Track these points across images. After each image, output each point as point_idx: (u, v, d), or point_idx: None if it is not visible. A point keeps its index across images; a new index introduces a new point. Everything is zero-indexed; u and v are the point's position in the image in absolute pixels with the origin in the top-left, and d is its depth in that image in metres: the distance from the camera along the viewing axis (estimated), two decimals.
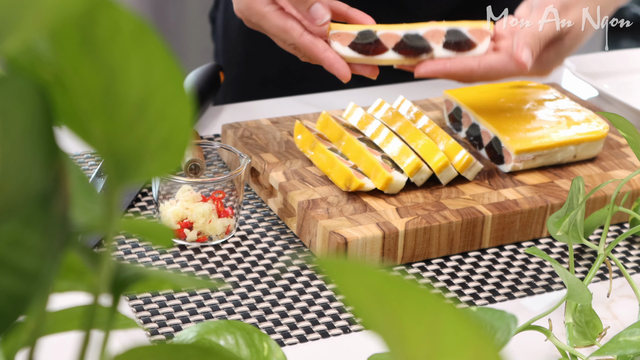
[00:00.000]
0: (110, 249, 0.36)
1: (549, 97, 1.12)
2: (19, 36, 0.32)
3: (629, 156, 1.07)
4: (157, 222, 0.38)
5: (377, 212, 0.91)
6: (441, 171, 0.96)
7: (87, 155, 1.05)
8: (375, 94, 1.22)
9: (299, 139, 1.00)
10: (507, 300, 0.87)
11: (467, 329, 0.31)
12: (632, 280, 0.80)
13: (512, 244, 0.95)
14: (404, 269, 0.90)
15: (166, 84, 0.34)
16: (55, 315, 0.42)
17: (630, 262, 0.94)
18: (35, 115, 0.33)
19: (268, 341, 0.56)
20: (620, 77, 1.32)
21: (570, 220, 0.84)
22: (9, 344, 0.39)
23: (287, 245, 0.92)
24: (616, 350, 0.67)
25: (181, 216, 0.90)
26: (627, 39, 3.20)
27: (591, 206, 0.97)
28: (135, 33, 0.33)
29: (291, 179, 0.96)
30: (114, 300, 0.37)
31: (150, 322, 0.80)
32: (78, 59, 0.33)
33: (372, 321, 0.32)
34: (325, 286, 0.86)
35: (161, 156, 0.35)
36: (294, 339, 0.80)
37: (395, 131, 1.00)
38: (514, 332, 0.54)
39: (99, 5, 0.33)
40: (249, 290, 0.85)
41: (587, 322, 0.76)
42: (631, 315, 0.85)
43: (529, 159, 1.01)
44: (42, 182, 0.33)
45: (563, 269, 0.73)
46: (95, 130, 0.35)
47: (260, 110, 1.17)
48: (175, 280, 0.40)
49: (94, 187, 0.39)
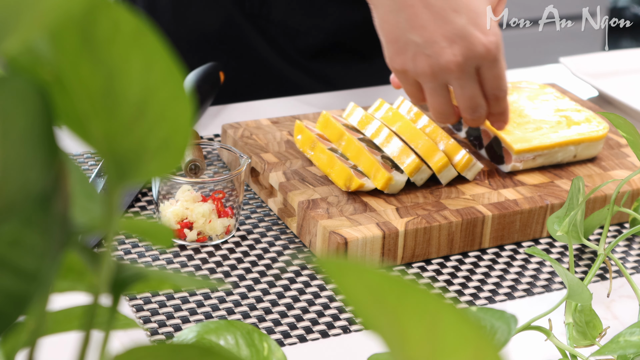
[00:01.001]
0: (110, 249, 0.36)
1: (549, 97, 1.12)
2: (19, 36, 0.32)
3: (629, 156, 1.07)
4: (157, 222, 0.38)
5: (377, 212, 0.91)
6: (441, 171, 0.96)
7: (87, 155, 1.05)
8: (375, 94, 1.22)
9: (299, 139, 1.00)
10: (507, 300, 0.87)
11: (467, 329, 0.31)
12: (632, 280, 0.80)
13: (512, 244, 0.95)
14: (404, 269, 0.90)
15: (166, 84, 0.34)
16: (55, 315, 0.42)
17: (630, 262, 0.94)
18: (35, 115, 0.33)
19: (268, 341, 0.56)
20: (620, 77, 1.32)
21: (570, 220, 0.84)
22: (9, 344, 0.39)
23: (287, 245, 0.92)
24: (616, 350, 0.67)
25: (181, 216, 0.90)
26: (627, 39, 3.20)
27: (591, 206, 0.97)
28: (135, 33, 0.33)
29: (291, 179, 0.96)
30: (114, 300, 0.37)
31: (150, 322, 0.80)
32: (78, 59, 0.33)
33: (372, 321, 0.32)
34: (325, 286, 0.86)
35: (161, 156, 0.35)
36: (294, 339, 0.80)
37: (395, 131, 1.00)
38: (514, 332, 0.54)
39: (99, 5, 0.33)
40: (249, 290, 0.85)
41: (587, 322, 0.76)
42: (631, 315, 0.85)
43: (529, 159, 1.01)
44: (42, 182, 0.33)
45: (563, 269, 0.73)
46: (95, 130, 0.35)
47: (260, 110, 1.17)
48: (175, 280, 0.40)
49: (94, 187, 0.39)
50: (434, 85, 0.91)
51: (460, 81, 0.89)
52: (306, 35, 1.26)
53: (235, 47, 1.25)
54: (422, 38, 0.87)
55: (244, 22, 1.25)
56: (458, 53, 0.87)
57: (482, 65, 0.89)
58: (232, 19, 1.25)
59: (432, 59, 0.88)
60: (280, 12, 1.24)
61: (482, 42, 0.88)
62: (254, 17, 1.25)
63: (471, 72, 0.89)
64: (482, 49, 0.88)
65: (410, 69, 0.90)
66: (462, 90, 0.90)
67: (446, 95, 0.92)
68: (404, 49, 0.89)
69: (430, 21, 0.87)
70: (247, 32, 1.25)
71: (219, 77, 1.17)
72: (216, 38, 1.26)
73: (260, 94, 1.24)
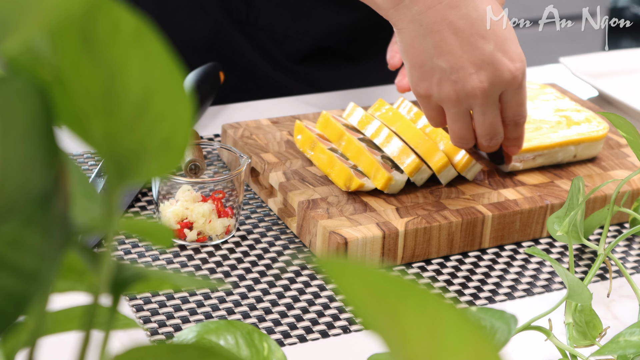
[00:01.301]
0: (110, 249, 0.36)
1: (549, 97, 1.12)
2: (19, 36, 0.32)
3: (629, 156, 1.07)
4: (157, 222, 0.38)
5: (377, 212, 0.91)
6: (441, 171, 0.96)
7: (87, 155, 1.05)
8: (375, 94, 1.22)
9: (299, 139, 1.00)
10: (507, 300, 0.87)
11: (467, 329, 0.31)
12: (632, 280, 0.80)
13: (512, 244, 0.95)
14: (404, 269, 0.90)
15: (166, 84, 0.34)
16: (55, 315, 0.42)
17: (630, 262, 0.94)
18: (35, 115, 0.33)
19: (268, 341, 0.56)
20: (620, 77, 1.32)
21: (570, 220, 0.84)
22: (9, 344, 0.39)
23: (287, 245, 0.92)
24: (616, 350, 0.67)
25: (181, 216, 0.90)
26: (627, 39, 3.20)
27: (591, 206, 0.97)
28: (135, 33, 0.33)
29: (291, 179, 0.96)
30: (114, 300, 0.37)
31: (150, 322, 0.80)
32: (78, 59, 0.33)
33: (372, 321, 0.32)
34: (325, 286, 0.86)
35: (161, 156, 0.35)
36: (294, 339, 0.80)
37: (395, 131, 1.00)
38: (514, 332, 0.54)
39: (99, 5, 0.33)
40: (249, 290, 0.85)
41: (587, 322, 0.76)
42: (631, 315, 0.85)
43: (529, 158, 1.01)
44: (42, 182, 0.33)
45: (563, 269, 0.73)
46: (95, 131, 0.35)
47: (260, 110, 1.17)
48: (175, 280, 0.40)
49: (94, 187, 0.39)
50: (458, 110, 0.90)
51: (483, 108, 0.89)
52: (294, 40, 1.26)
53: (223, 53, 1.25)
54: (449, 64, 0.87)
55: (231, 28, 1.25)
56: (485, 79, 0.87)
57: (507, 90, 0.89)
58: (220, 25, 1.25)
59: (458, 85, 0.87)
60: (267, 17, 1.24)
61: (509, 69, 0.88)
62: (241, 24, 1.25)
63: (495, 99, 0.89)
64: (509, 75, 0.88)
65: (435, 94, 0.89)
66: (483, 117, 0.90)
67: (468, 120, 0.91)
68: (429, 74, 0.88)
69: (457, 47, 0.87)
70: (234, 39, 1.25)
71: (219, 77, 1.17)
72: (203, 45, 1.26)
73: (249, 99, 1.24)
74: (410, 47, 0.88)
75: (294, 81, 1.28)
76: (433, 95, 0.90)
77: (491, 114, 0.90)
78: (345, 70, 1.30)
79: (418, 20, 0.87)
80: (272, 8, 1.24)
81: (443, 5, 0.86)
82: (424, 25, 0.87)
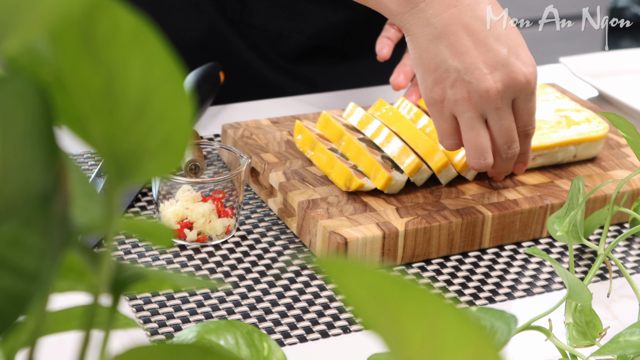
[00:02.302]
0: (110, 249, 0.36)
1: (549, 97, 1.12)
2: (19, 36, 0.32)
3: (629, 156, 1.07)
4: (157, 222, 0.38)
5: (377, 212, 0.91)
6: (441, 171, 0.96)
7: (87, 155, 1.05)
8: (375, 94, 1.22)
9: (299, 139, 1.00)
10: (507, 300, 0.87)
11: (467, 329, 0.31)
12: (632, 280, 0.80)
13: (512, 244, 0.95)
14: (404, 269, 0.90)
15: (166, 84, 0.34)
16: (55, 315, 0.42)
17: (630, 262, 0.94)
18: (35, 115, 0.33)
19: (268, 341, 0.56)
20: (620, 77, 1.32)
21: (570, 220, 0.84)
22: (9, 344, 0.39)
23: (287, 245, 0.92)
24: (616, 350, 0.67)
25: (181, 216, 0.90)
26: (627, 39, 3.20)
27: (591, 206, 0.97)
28: (135, 33, 0.33)
29: (291, 179, 0.96)
30: (114, 300, 0.37)
31: (150, 322, 0.80)
32: (78, 59, 0.33)
33: (372, 321, 0.32)
34: (325, 286, 0.86)
35: (161, 156, 0.35)
36: (294, 339, 0.80)
37: (395, 131, 1.00)
38: (514, 332, 0.54)
39: (99, 5, 0.33)
40: (249, 290, 0.85)
41: (587, 322, 0.76)
42: (631, 315, 0.85)
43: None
44: (42, 182, 0.33)
45: (563, 269, 0.72)
46: (95, 131, 0.35)
47: (260, 110, 1.17)
48: (175, 280, 0.40)
49: (94, 187, 0.39)
50: (471, 115, 0.88)
51: (498, 112, 0.88)
52: (288, 39, 1.26)
53: (218, 53, 1.25)
54: (464, 64, 0.87)
55: (225, 28, 1.25)
56: (499, 80, 0.87)
57: (519, 97, 0.89)
58: (214, 25, 1.25)
59: (472, 85, 0.87)
60: (261, 16, 1.24)
61: (523, 72, 0.87)
62: (236, 23, 1.25)
63: (508, 102, 0.88)
64: (523, 78, 0.87)
65: (449, 97, 0.88)
66: (500, 122, 0.89)
67: (483, 127, 0.90)
68: (443, 76, 0.88)
69: (472, 48, 0.87)
70: (229, 38, 1.25)
71: (219, 77, 1.17)
72: (198, 44, 1.26)
73: (244, 99, 1.24)
74: (425, 51, 0.88)
75: (289, 80, 1.28)
76: (447, 98, 0.89)
77: (507, 119, 0.89)
78: (341, 68, 1.31)
79: (432, 23, 0.87)
80: (266, 7, 1.24)
81: (459, 8, 0.86)
82: (438, 28, 0.87)
